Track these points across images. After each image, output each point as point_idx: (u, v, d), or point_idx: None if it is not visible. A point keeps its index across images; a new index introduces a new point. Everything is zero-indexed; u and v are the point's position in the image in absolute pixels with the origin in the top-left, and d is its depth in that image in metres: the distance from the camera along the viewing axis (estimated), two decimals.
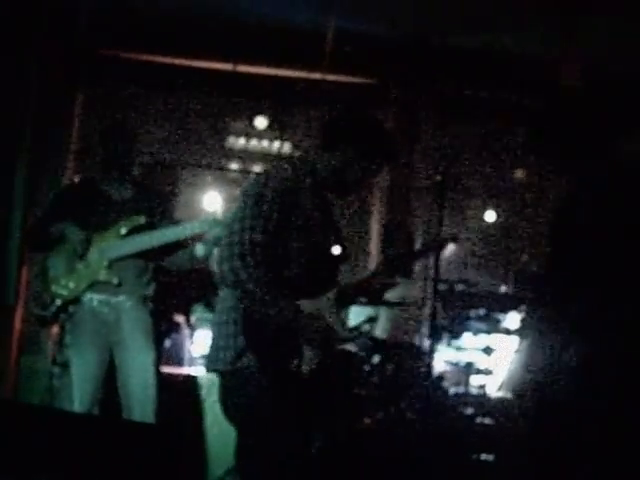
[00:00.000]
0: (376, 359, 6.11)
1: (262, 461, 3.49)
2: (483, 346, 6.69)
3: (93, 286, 5.23)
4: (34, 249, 5.72)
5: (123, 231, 5.25)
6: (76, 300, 5.23)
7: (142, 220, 5.26)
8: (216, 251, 3.55)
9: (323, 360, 3.54)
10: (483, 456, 5.84)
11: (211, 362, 3.61)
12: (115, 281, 5.21)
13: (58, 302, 5.22)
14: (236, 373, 3.49)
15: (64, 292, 5.22)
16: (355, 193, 3.89)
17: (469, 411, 6.18)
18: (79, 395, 5.21)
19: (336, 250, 3.77)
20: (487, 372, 6.65)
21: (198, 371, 6.39)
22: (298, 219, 3.57)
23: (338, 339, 3.68)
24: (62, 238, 5.24)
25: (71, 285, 5.23)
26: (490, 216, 9.01)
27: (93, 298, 5.25)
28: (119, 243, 5.25)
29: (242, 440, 3.58)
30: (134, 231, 5.26)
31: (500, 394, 6.53)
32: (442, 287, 5.88)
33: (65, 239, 5.23)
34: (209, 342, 3.65)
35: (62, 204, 5.41)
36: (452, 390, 6.40)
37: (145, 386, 5.22)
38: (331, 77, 7.80)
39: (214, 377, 3.69)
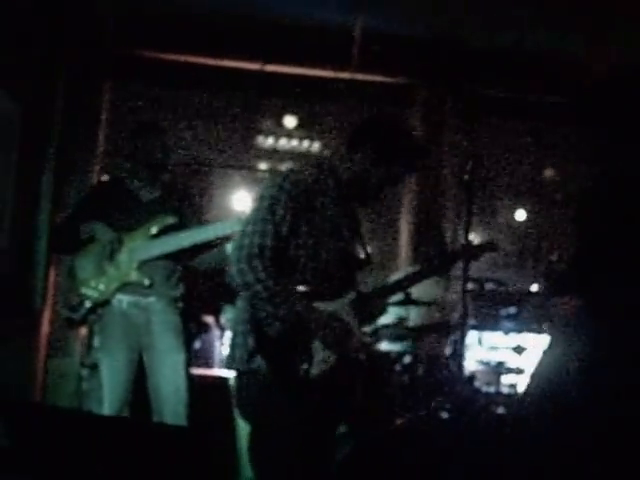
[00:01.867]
0: (407, 359, 6.07)
1: (275, 462, 3.49)
2: (514, 345, 6.65)
3: (123, 287, 5.21)
4: (62, 250, 5.69)
5: (153, 232, 5.21)
6: (106, 302, 5.21)
7: (171, 220, 5.23)
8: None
9: (339, 361, 3.51)
10: (513, 454, 5.78)
11: (228, 361, 3.64)
12: (146, 282, 5.18)
13: (88, 304, 5.19)
14: (249, 372, 3.50)
15: (94, 294, 5.19)
16: (377, 198, 3.84)
17: (500, 410, 6.12)
18: (109, 397, 5.19)
19: (357, 254, 3.75)
20: (518, 371, 6.60)
21: (228, 373, 6.37)
22: (315, 222, 3.55)
23: (355, 341, 3.64)
24: (91, 239, 5.22)
25: (101, 287, 5.19)
26: (520, 215, 8.96)
27: (123, 300, 5.22)
28: (149, 244, 5.21)
29: (256, 441, 3.57)
30: (163, 232, 5.24)
31: (531, 393, 6.47)
32: (472, 286, 5.82)
33: (94, 240, 5.22)
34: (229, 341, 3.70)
35: (91, 204, 5.38)
36: (484, 390, 6.35)
37: (176, 388, 5.19)
38: (360, 76, 7.77)
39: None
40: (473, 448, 5.29)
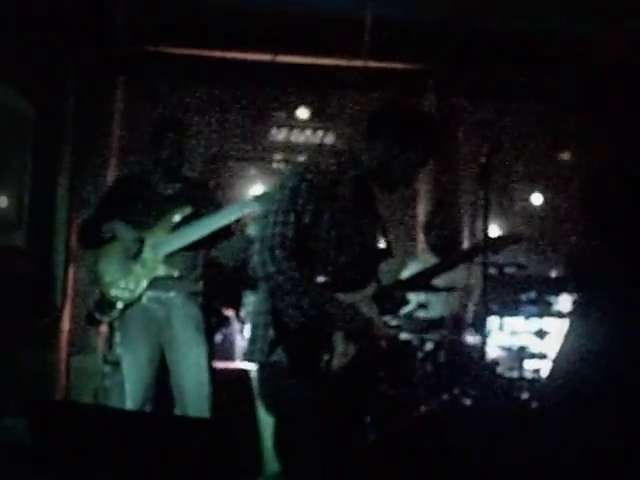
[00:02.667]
0: (428, 346, 6.05)
1: (301, 454, 3.48)
2: (536, 329, 6.62)
3: (153, 283, 5.22)
4: (86, 248, 5.69)
5: (173, 225, 5.23)
6: (138, 300, 5.22)
7: (189, 211, 5.24)
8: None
9: (360, 352, 3.50)
10: (537, 438, 5.76)
11: (248, 353, 3.61)
12: (176, 274, 5.19)
13: (120, 305, 5.20)
14: (271, 364, 3.48)
15: (125, 294, 5.20)
16: (400, 187, 3.81)
17: (524, 396, 6.10)
18: (131, 394, 5.20)
19: (378, 245, 3.72)
20: (541, 356, 6.57)
21: (249, 365, 6.36)
22: (337, 212, 3.53)
23: (376, 332, 3.62)
24: (112, 239, 5.23)
25: (131, 286, 5.21)
26: (537, 198, 8.90)
27: (143, 295, 5.24)
28: (170, 237, 5.22)
29: (280, 433, 3.56)
30: (182, 223, 5.24)
31: (555, 378, 6.44)
32: (492, 271, 5.79)
33: (116, 239, 5.23)
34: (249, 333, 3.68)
35: (112, 201, 5.39)
36: (506, 375, 6.32)
37: (199, 382, 5.19)
38: (372, 64, 7.74)
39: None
40: (497, 434, 5.28)
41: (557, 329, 6.64)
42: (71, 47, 7.03)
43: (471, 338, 6.35)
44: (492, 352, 6.46)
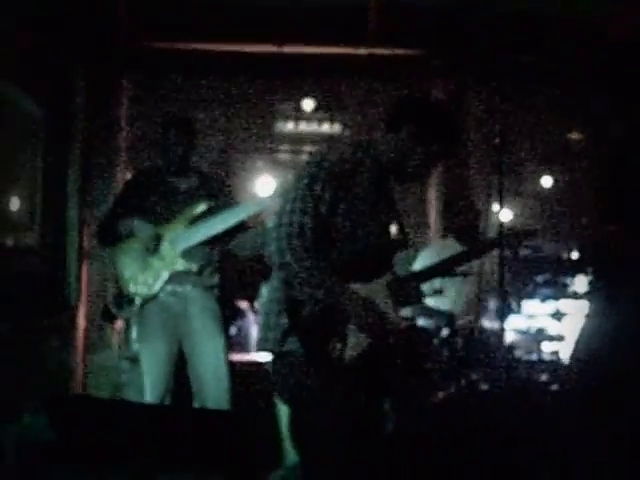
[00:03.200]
0: (445, 332, 6.03)
1: (318, 444, 3.46)
2: (553, 311, 6.60)
3: (171, 277, 5.23)
4: (105, 245, 5.70)
5: (190, 220, 5.25)
6: (156, 295, 5.24)
7: (206, 206, 5.25)
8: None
9: (374, 342, 3.48)
10: (556, 423, 5.74)
11: (260, 342, 3.59)
12: (194, 268, 5.22)
13: (138, 300, 5.21)
14: (284, 354, 3.47)
15: (144, 289, 5.23)
16: (417, 180, 3.79)
17: (543, 378, 6.08)
18: (150, 388, 5.22)
19: (394, 235, 3.70)
20: (559, 338, 6.54)
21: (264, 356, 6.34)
22: (353, 202, 3.50)
23: (391, 322, 3.59)
24: (130, 235, 5.24)
25: (150, 281, 5.24)
26: (548, 180, 8.88)
27: (161, 290, 5.24)
28: (188, 232, 5.25)
29: (297, 424, 3.55)
30: (200, 218, 5.25)
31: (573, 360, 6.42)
32: (507, 253, 5.76)
33: (134, 236, 5.24)
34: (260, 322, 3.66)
35: (128, 198, 5.42)
36: (525, 358, 6.30)
37: (218, 373, 5.22)
38: (377, 51, 7.71)
39: None
40: (516, 419, 5.27)
41: (574, 310, 6.62)
42: (77, 46, 7.02)
43: (488, 322, 6.34)
44: (510, 336, 6.44)
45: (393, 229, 3.70)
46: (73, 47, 6.95)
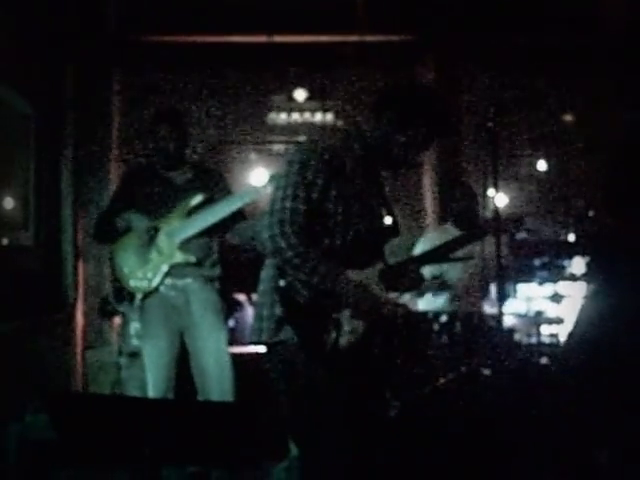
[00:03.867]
0: (444, 318, 6.02)
1: (318, 432, 3.45)
2: (551, 293, 6.59)
3: (170, 270, 5.22)
4: (103, 242, 5.70)
5: (187, 212, 5.26)
6: (157, 289, 5.25)
7: (201, 198, 5.25)
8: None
9: (371, 329, 3.46)
10: (557, 408, 5.74)
11: (254, 333, 3.56)
12: (193, 259, 5.23)
13: (139, 295, 5.22)
14: (278, 343, 3.45)
15: (144, 284, 5.25)
16: (404, 167, 3.77)
17: (542, 361, 6.07)
18: (153, 382, 5.23)
19: (385, 222, 3.68)
20: (557, 321, 6.53)
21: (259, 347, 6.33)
22: (344, 188, 3.48)
23: (386, 309, 3.57)
24: (128, 229, 5.24)
25: (149, 275, 5.26)
26: (542, 165, 8.85)
27: (161, 283, 5.25)
28: (185, 224, 5.26)
29: (296, 413, 3.53)
30: (196, 210, 5.25)
31: (571, 343, 6.41)
32: (503, 236, 5.75)
33: (131, 230, 5.23)
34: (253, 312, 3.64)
35: (124, 194, 5.43)
36: (524, 341, 6.30)
37: (221, 365, 5.24)
38: (368, 38, 7.69)
39: None
40: (516, 402, 5.27)
41: (572, 292, 6.61)
42: (66, 42, 7.00)
43: (486, 306, 6.33)
44: (508, 319, 6.42)
45: (383, 216, 3.69)
46: (61, 44, 6.93)
